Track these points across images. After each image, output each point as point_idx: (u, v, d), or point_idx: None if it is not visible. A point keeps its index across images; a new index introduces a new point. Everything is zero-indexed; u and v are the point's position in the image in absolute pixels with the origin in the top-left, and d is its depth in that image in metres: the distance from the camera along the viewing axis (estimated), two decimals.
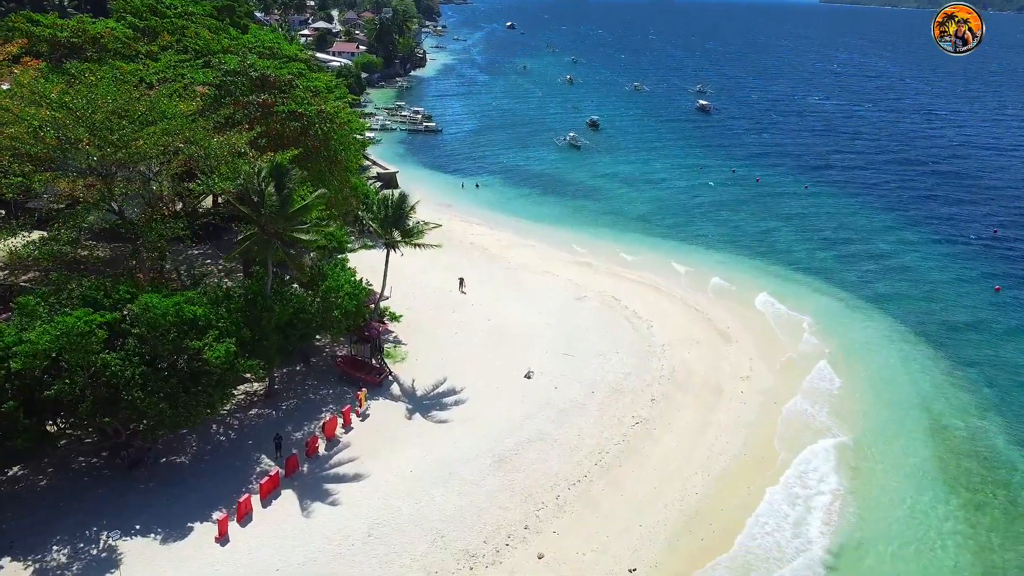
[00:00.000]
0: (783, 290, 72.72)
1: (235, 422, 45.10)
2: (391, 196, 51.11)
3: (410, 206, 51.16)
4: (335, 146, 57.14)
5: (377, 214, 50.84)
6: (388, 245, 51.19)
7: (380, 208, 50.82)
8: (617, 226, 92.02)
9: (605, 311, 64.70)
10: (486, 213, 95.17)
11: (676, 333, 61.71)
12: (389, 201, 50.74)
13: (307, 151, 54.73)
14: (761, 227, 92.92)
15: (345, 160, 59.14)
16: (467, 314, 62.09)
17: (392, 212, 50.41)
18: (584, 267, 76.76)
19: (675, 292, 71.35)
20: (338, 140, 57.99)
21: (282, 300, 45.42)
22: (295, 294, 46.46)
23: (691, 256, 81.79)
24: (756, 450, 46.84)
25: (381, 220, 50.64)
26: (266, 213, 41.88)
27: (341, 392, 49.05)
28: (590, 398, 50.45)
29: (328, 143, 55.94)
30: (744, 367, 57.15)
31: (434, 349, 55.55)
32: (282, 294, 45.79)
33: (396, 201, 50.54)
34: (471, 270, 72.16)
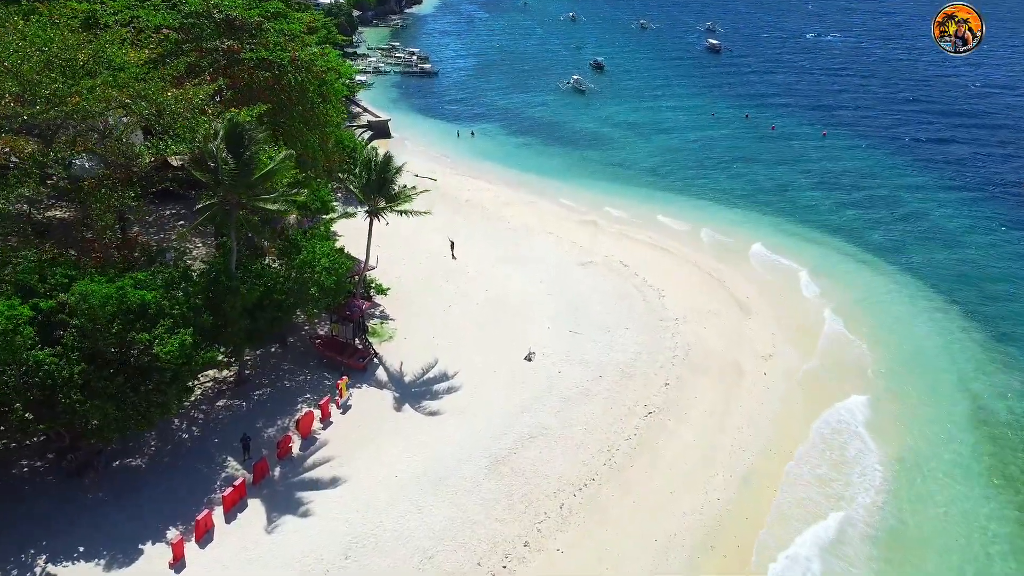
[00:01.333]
0: (804, 253, 67.06)
1: (199, 415, 40.21)
2: (374, 158, 45.12)
3: (396, 169, 45.21)
4: (312, 98, 50.78)
5: (359, 178, 44.92)
6: (371, 213, 45.41)
7: (362, 171, 44.88)
8: (624, 179, 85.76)
9: (612, 278, 59.23)
10: (484, 165, 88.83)
11: (690, 303, 56.37)
12: (372, 163, 44.78)
13: (279, 105, 48.46)
14: (778, 180, 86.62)
15: (325, 114, 52.79)
16: (462, 283, 56.67)
17: (375, 176, 44.50)
18: (589, 226, 70.97)
19: (688, 255, 65.76)
20: (315, 91, 51.57)
21: (251, 278, 40.07)
22: (266, 270, 40.98)
23: (704, 214, 75.84)
24: (784, 445, 41.99)
25: (363, 185, 44.74)
26: (224, 180, 36.06)
27: (320, 378, 44.03)
28: (597, 383, 45.42)
29: (304, 95, 49.59)
30: (766, 343, 52.00)
31: (425, 325, 50.33)
32: (250, 271, 40.40)
33: (380, 164, 44.61)
34: (466, 232, 66.49)
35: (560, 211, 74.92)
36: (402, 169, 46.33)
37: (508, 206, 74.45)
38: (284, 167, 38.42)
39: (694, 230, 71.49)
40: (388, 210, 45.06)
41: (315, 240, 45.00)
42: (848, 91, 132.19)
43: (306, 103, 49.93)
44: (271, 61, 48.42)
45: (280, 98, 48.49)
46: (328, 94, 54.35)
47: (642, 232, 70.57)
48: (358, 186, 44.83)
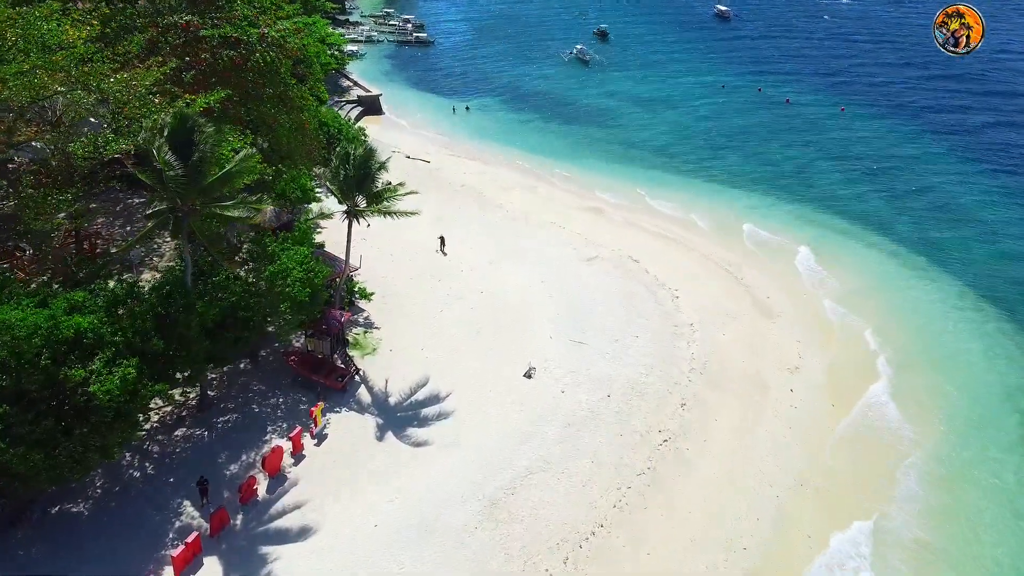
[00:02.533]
0: (828, 245, 61.96)
1: (154, 448, 35.33)
2: (353, 152, 39.61)
3: (379, 163, 39.79)
4: (285, 79, 45.04)
5: (336, 174, 39.52)
6: (350, 214, 40.08)
7: (340, 166, 39.45)
8: (631, 160, 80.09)
9: (620, 276, 54.02)
10: (481, 145, 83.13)
11: (706, 305, 51.27)
12: (351, 158, 39.32)
13: (247, 89, 42.82)
14: (797, 161, 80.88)
15: (301, 97, 47.07)
16: (455, 283, 51.47)
17: (354, 171, 39.10)
18: (594, 214, 65.61)
19: (702, 246, 60.52)
20: (289, 71, 45.80)
21: (212, 294, 35.01)
22: (230, 283, 35.82)
23: (718, 200, 70.42)
24: (816, 479, 37.15)
25: (341, 182, 39.36)
26: (171, 184, 30.73)
27: (294, 401, 39.11)
28: (605, 404, 40.48)
29: (275, 77, 43.85)
30: (791, 353, 47.00)
31: (413, 334, 45.26)
32: (211, 284, 35.32)
33: (360, 157, 39.16)
34: (461, 221, 61.12)
35: (563, 196, 69.47)
36: (386, 164, 40.77)
37: (507, 191, 68.96)
38: (245, 167, 33.00)
39: (707, 218, 66.13)
40: (370, 212, 39.67)
41: (288, 245, 39.76)
42: (861, 59, 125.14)
43: (278, 85, 44.22)
44: (236, 39, 42.65)
45: (248, 81, 42.81)
46: (306, 74, 48.57)
47: (651, 220, 65.28)
48: (335, 183, 39.43)
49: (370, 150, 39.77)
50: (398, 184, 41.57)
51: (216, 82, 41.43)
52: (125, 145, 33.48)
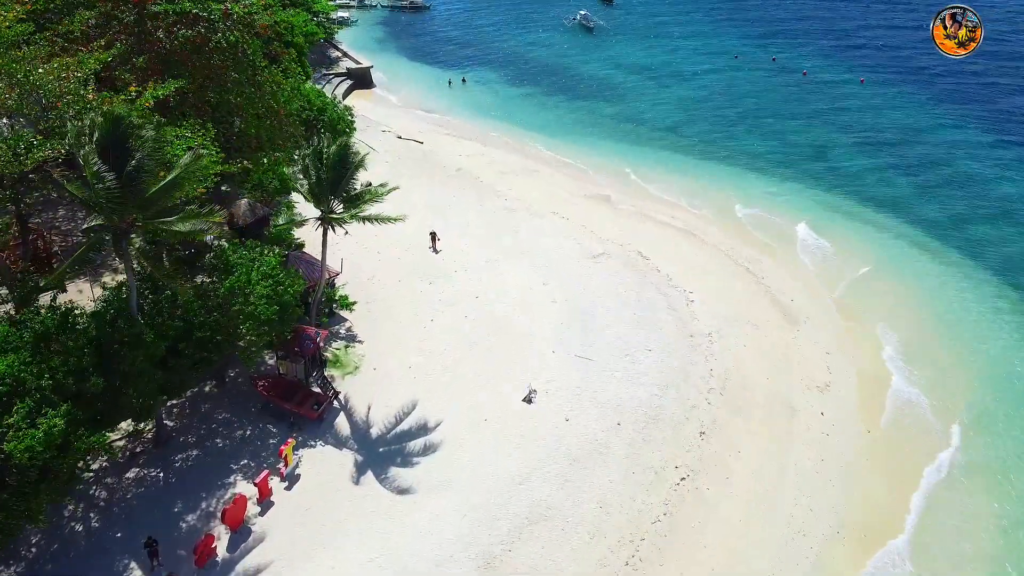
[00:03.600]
0: (855, 239, 56.90)
1: (101, 493, 30.94)
2: (327, 149, 34.48)
3: (356, 161, 34.73)
4: (254, 61, 39.76)
5: (307, 175, 34.48)
6: (324, 221, 35.13)
7: (312, 166, 34.38)
8: (639, 140, 74.65)
9: (630, 276, 49.15)
10: (479, 122, 77.68)
11: (724, 310, 46.52)
12: (325, 155, 34.24)
13: (208, 75, 37.61)
14: (815, 140, 75.32)
15: (273, 81, 41.79)
16: (448, 286, 46.65)
17: (329, 173, 34.07)
18: (601, 203, 60.53)
19: (717, 240, 55.55)
20: (257, 53, 40.44)
21: (163, 316, 30.34)
22: (187, 303, 31.05)
23: (732, 185, 65.18)
24: (853, 526, 32.78)
25: (313, 184, 34.34)
26: (103, 198, 25.79)
27: (264, 433, 34.62)
28: (615, 434, 35.96)
29: (241, 60, 38.58)
30: (819, 367, 42.42)
31: (399, 350, 40.62)
32: (162, 305, 30.65)
33: (334, 155, 34.08)
34: (455, 213, 56.11)
35: (567, 182, 64.29)
36: (364, 162, 35.69)
37: (506, 176, 63.74)
38: (194, 173, 28.00)
39: (723, 207, 61.15)
40: (347, 219, 34.68)
41: (254, 254, 34.93)
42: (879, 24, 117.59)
43: (245, 69, 38.94)
44: (196, 15, 37.29)
45: (209, 65, 37.57)
46: (280, 53, 43.26)
47: (662, 210, 60.21)
48: (306, 185, 34.42)
49: (346, 146, 34.65)
50: (379, 185, 36.48)
51: (172, 67, 36.24)
52: (51, 151, 28.41)
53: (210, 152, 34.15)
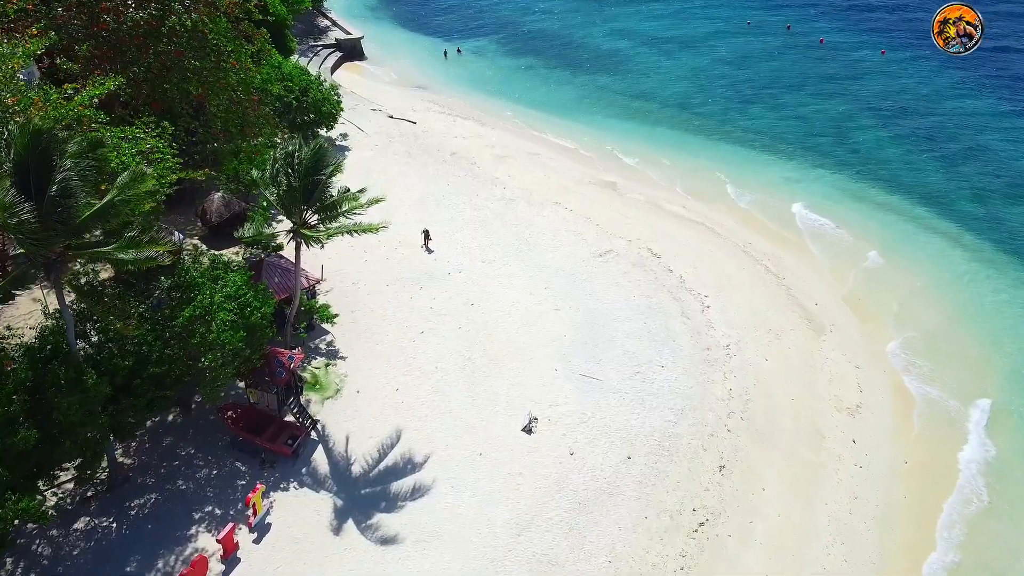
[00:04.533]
0: (882, 229, 52.73)
1: (44, 551, 27.30)
2: (298, 151, 30.15)
3: (332, 166, 30.43)
4: (220, 44, 35.15)
5: (275, 182, 30.19)
6: (296, 235, 30.93)
7: (282, 171, 30.08)
8: (648, 118, 69.87)
9: (640, 278, 45.06)
10: (476, 99, 72.86)
11: (743, 317, 42.55)
12: (296, 159, 29.93)
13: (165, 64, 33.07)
14: (835, 116, 70.45)
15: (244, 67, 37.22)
16: (440, 292, 42.59)
17: (301, 180, 29.80)
18: (606, 191, 56.18)
19: (733, 233, 51.43)
20: (223, 34, 35.76)
21: (107, 355, 26.41)
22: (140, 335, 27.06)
23: (747, 168, 60.71)
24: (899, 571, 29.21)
25: (283, 193, 30.09)
26: (17, 231, 21.64)
27: (232, 473, 30.89)
28: (624, 470, 32.22)
29: (202, 45, 33.98)
30: (849, 384, 38.57)
31: (385, 369, 36.74)
32: (107, 339, 26.72)
33: (307, 159, 29.78)
34: (449, 204, 51.83)
35: (570, 167, 59.82)
36: (341, 165, 31.41)
37: (505, 161, 59.22)
38: (134, 193, 23.76)
39: (738, 195, 56.79)
40: (322, 234, 30.43)
41: (219, 271, 30.86)
42: None
43: (208, 55, 34.36)
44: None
45: (166, 51, 33.01)
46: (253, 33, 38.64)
47: (673, 198, 55.97)
48: (274, 194, 30.17)
49: (321, 149, 30.26)
50: (359, 191, 32.15)
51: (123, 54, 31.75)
52: None
53: (164, 157, 29.85)
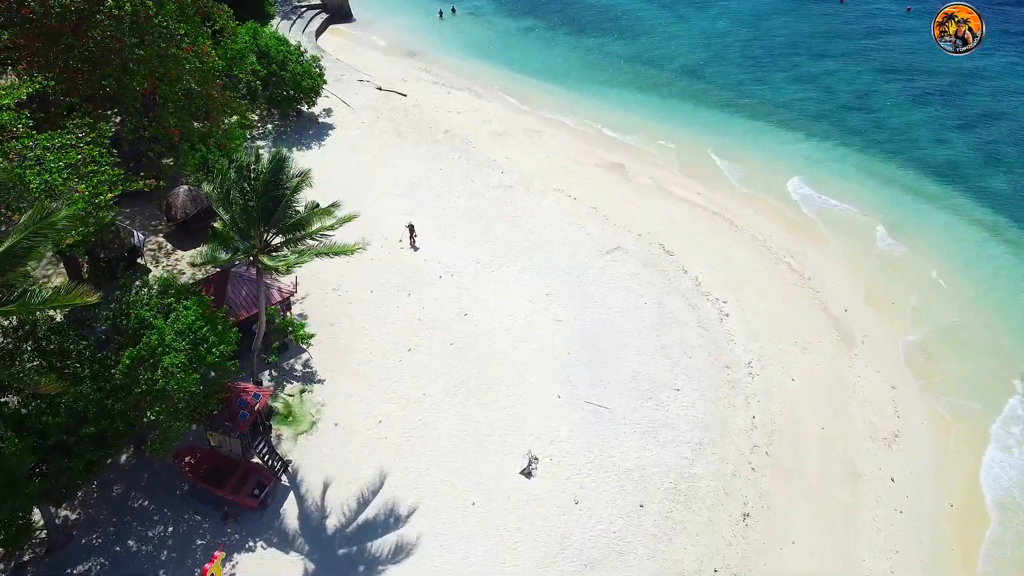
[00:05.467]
0: (913, 218, 48.28)
1: None
2: (255, 164, 25.59)
3: (299, 177, 25.96)
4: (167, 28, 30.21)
5: (226, 200, 25.67)
6: (255, 263, 26.53)
7: (234, 188, 25.55)
8: (657, 88, 64.60)
9: (651, 281, 40.81)
10: (472, 67, 67.43)
11: (766, 327, 38.46)
12: (252, 173, 25.38)
13: (102, 54, 28.23)
14: (858, 83, 65.24)
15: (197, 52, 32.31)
16: (429, 298, 38.40)
17: (259, 198, 25.32)
18: (613, 174, 51.50)
19: (751, 224, 47.06)
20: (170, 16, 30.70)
21: (35, 414, 22.44)
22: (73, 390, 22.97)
23: (765, 147, 55.94)
24: None
25: (238, 213, 25.61)
26: None
27: (190, 529, 27.14)
28: (636, 522, 28.44)
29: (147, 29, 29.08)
30: (885, 408, 34.66)
31: (368, 394, 32.77)
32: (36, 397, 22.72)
33: (266, 172, 25.26)
34: (442, 192, 47.24)
35: (574, 145, 55.00)
36: (308, 177, 26.87)
37: (503, 140, 54.39)
38: (39, 239, 19.32)
39: (755, 178, 52.06)
40: (287, 263, 25.97)
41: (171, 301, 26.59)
42: None
43: (155, 41, 29.48)
44: None
45: (104, 39, 28.15)
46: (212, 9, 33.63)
47: (685, 182, 51.28)
48: (227, 214, 25.69)
49: (281, 160, 25.69)
50: (331, 205, 27.63)
51: (53, 42, 26.97)
52: None
53: (100, 169, 25.34)
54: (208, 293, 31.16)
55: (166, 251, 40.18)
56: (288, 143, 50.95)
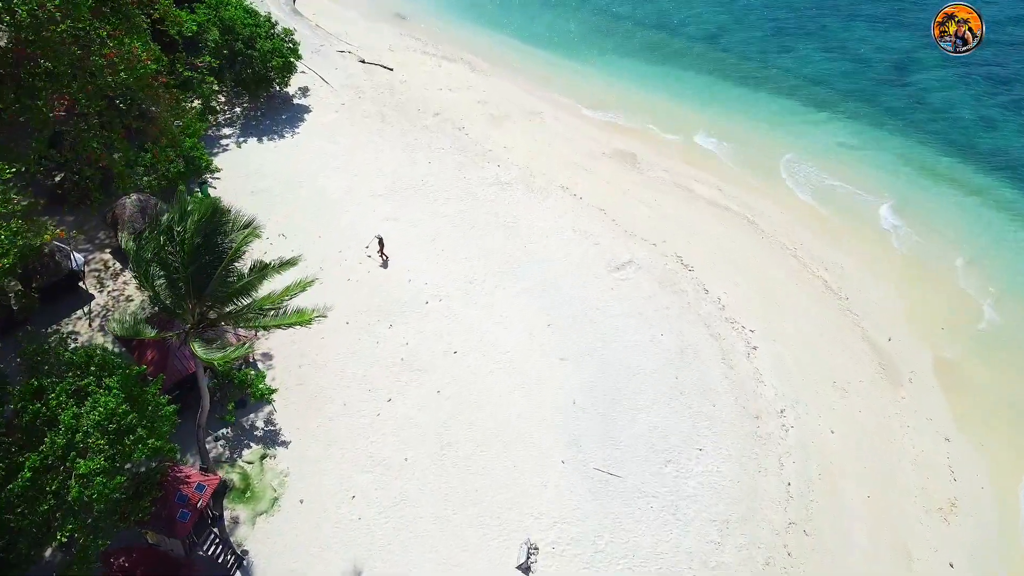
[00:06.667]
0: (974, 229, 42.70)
1: None
2: (183, 220, 20.22)
3: (239, 236, 20.61)
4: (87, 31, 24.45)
5: (142, 265, 20.38)
6: (187, 338, 21.37)
7: (160, 249, 20.24)
8: (672, 58, 58.16)
9: (668, 305, 35.77)
10: (466, 33, 60.87)
11: (799, 363, 33.61)
12: (180, 232, 20.05)
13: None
14: (895, 56, 58.52)
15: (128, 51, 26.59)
16: (414, 330, 33.43)
17: (187, 260, 20.03)
18: (624, 166, 45.94)
19: (779, 229, 41.82)
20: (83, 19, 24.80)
21: None
22: None
23: (793, 132, 50.00)
24: None
25: (164, 281, 20.37)
26: None
27: None
28: None
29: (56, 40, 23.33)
30: (940, 471, 30.07)
31: (340, 460, 28.15)
32: None
33: (196, 229, 19.89)
34: (429, 193, 41.71)
35: (579, 130, 49.26)
36: (254, 232, 21.55)
37: (500, 124, 48.59)
38: None
39: (783, 170, 46.37)
40: (219, 357, 20.74)
41: (89, 382, 21.64)
42: None
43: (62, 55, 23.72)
44: None
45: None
46: None
47: (705, 176, 45.76)
48: (147, 284, 20.46)
49: (215, 213, 20.36)
50: (284, 263, 22.36)
51: None
52: None
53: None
54: (147, 348, 26.24)
55: (113, 271, 35.05)
56: (257, 131, 45.27)
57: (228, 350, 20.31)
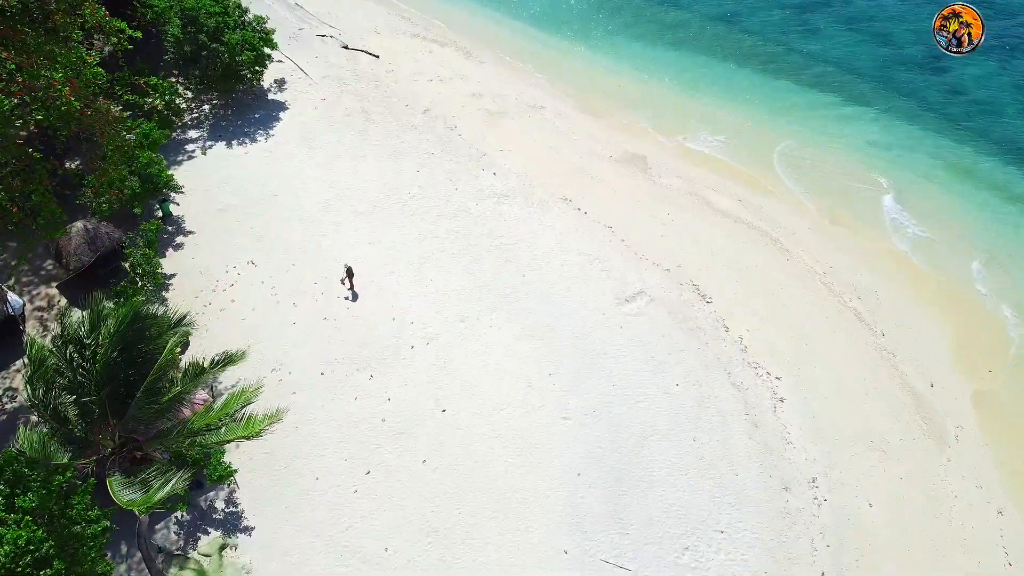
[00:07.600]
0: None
1: None
2: (92, 329, 16.15)
3: (166, 352, 16.53)
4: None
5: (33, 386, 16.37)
6: (106, 473, 17.48)
7: (67, 368, 16.21)
8: (686, 42, 52.93)
9: (684, 347, 31.87)
10: (459, 12, 55.54)
11: (835, 421, 29.84)
12: (92, 343, 16.00)
13: None
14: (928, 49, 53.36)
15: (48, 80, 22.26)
16: (398, 381, 29.62)
17: (100, 373, 16.03)
18: (633, 171, 41.64)
19: (809, 252, 37.51)
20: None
21: None
22: None
23: (817, 129, 45.28)
24: None
25: (72, 410, 16.38)
26: None
27: None
28: None
29: None
30: (995, 555, 26.61)
31: (311, 552, 24.62)
32: None
33: (113, 339, 15.83)
34: (416, 208, 37.51)
35: (584, 127, 44.73)
36: (186, 336, 17.61)
37: (498, 122, 44.03)
38: None
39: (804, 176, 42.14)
40: (144, 497, 16.87)
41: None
42: None
43: None
44: None
45: None
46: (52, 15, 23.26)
47: (722, 184, 41.49)
48: (42, 411, 16.48)
49: (135, 317, 16.24)
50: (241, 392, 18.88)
51: None
52: None
53: None
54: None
55: (58, 310, 31.05)
56: (227, 134, 40.82)
57: (152, 489, 16.45)
